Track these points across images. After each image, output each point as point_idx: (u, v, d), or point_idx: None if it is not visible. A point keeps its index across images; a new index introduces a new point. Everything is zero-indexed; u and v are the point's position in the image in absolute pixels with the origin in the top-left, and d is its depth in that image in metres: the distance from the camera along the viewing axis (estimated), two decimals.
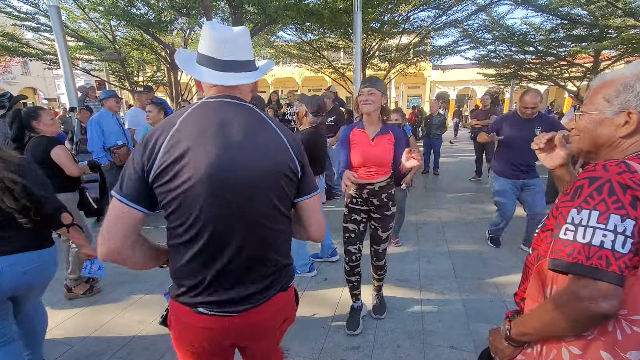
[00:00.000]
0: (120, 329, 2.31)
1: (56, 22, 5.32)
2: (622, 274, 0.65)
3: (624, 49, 9.31)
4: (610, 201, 0.68)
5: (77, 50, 11.19)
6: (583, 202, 0.71)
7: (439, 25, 11.03)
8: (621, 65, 11.19)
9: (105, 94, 4.12)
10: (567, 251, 0.70)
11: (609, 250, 0.66)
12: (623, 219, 0.66)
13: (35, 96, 29.99)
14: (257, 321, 0.99)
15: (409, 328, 2.24)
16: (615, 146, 0.81)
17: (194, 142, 0.85)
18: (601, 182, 0.70)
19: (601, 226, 0.67)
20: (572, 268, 0.69)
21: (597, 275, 0.66)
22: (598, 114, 0.81)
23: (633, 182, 0.69)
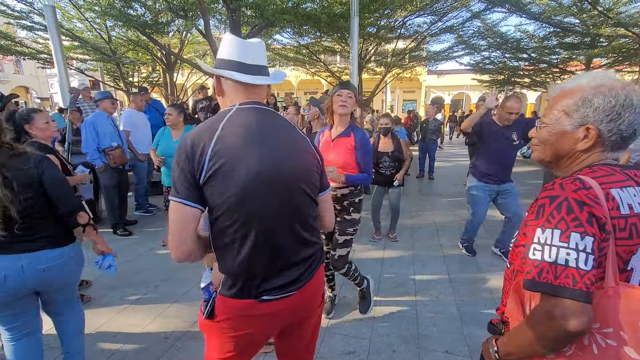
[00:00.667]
0: (114, 333, 2.29)
1: (51, 22, 5.27)
2: (589, 290, 0.67)
3: (615, 58, 9.52)
4: (569, 219, 0.70)
5: (72, 50, 11.09)
6: (546, 222, 0.73)
7: (435, 31, 11.16)
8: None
9: (101, 95, 4.09)
10: (536, 272, 0.72)
11: (574, 268, 0.68)
12: (582, 236, 0.69)
13: (27, 95, 29.60)
14: (309, 296, 1.12)
15: (404, 332, 2.25)
16: (575, 158, 0.84)
17: (241, 146, 0.94)
18: (559, 200, 0.73)
19: (564, 245, 0.69)
20: (543, 287, 0.71)
21: (565, 294, 0.68)
22: (558, 127, 0.83)
23: (588, 198, 0.71)
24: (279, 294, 1.03)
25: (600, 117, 0.77)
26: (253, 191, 0.95)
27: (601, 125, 0.77)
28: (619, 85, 0.77)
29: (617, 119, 0.76)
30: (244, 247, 0.98)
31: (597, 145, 0.80)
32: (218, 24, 9.22)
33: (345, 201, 2.17)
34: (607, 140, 0.78)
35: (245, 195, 0.94)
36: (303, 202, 1.06)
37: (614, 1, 8.27)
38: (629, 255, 0.73)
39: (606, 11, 7.88)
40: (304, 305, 1.13)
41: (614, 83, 0.78)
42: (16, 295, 1.54)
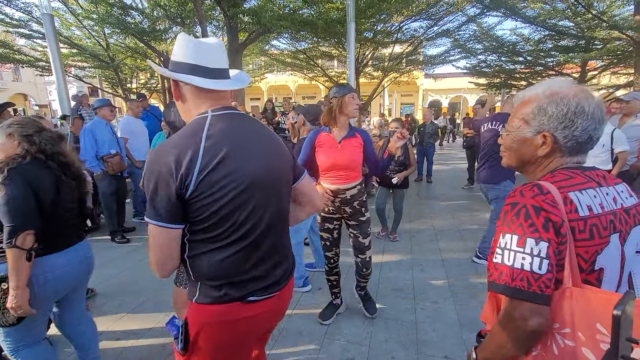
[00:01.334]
0: (112, 342, 2.27)
1: (49, 30, 5.29)
2: (543, 293, 0.71)
3: (610, 60, 9.59)
4: (526, 225, 0.74)
5: (70, 57, 11.13)
6: (506, 227, 0.77)
7: (431, 35, 11.26)
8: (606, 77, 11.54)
9: (100, 102, 4.10)
10: (497, 274, 0.76)
11: (529, 272, 0.72)
12: (537, 241, 0.72)
13: (26, 102, 29.62)
14: (287, 296, 1.14)
15: (403, 338, 2.24)
16: (538, 164, 0.87)
17: (231, 156, 0.92)
18: (519, 207, 0.76)
19: (520, 250, 0.73)
20: (502, 290, 0.75)
21: (521, 295, 0.72)
22: (520, 135, 0.87)
23: (546, 203, 0.74)
24: (264, 294, 1.02)
25: (555, 125, 0.81)
26: (247, 198, 0.94)
27: (556, 132, 0.81)
28: (572, 92, 0.80)
29: (571, 125, 0.80)
30: (232, 249, 0.95)
31: (556, 151, 0.84)
32: (215, 31, 9.28)
33: (355, 202, 2.21)
34: (563, 147, 0.82)
35: (240, 203, 0.93)
36: (285, 202, 1.10)
37: (607, 4, 8.36)
38: (593, 256, 0.76)
39: (600, 14, 7.96)
40: (279, 310, 1.13)
41: (566, 91, 0.81)
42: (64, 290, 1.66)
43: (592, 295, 0.72)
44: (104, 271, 3.04)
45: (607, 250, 0.76)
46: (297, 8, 7.10)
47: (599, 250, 0.76)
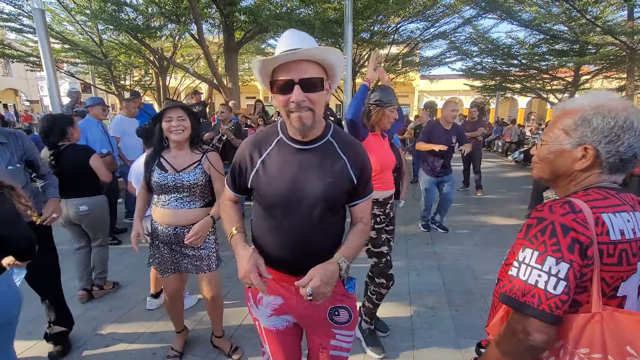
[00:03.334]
0: (102, 348, 2.21)
1: (40, 26, 5.18)
2: (553, 312, 0.70)
3: (603, 64, 9.71)
4: (550, 243, 0.72)
5: (62, 53, 10.94)
6: (528, 242, 0.75)
7: (427, 37, 11.30)
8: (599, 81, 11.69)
9: (92, 101, 4.02)
10: (509, 286, 0.76)
11: (542, 289, 0.71)
12: (558, 261, 0.70)
13: (16, 98, 29.11)
14: None
15: (400, 345, 2.22)
16: (573, 178, 0.83)
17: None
18: (545, 223, 0.74)
19: (538, 267, 0.72)
20: (510, 302, 0.75)
21: (527, 311, 0.72)
22: (557, 146, 0.83)
23: (577, 222, 0.71)
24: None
25: (599, 138, 0.77)
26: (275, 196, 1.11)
27: (599, 146, 0.77)
28: (620, 106, 0.76)
29: (616, 140, 0.76)
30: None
31: (595, 166, 0.79)
32: (211, 28, 9.19)
33: (387, 204, 2.08)
34: (605, 162, 0.78)
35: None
36: None
37: (601, 10, 8.45)
38: (617, 282, 0.73)
39: (594, 19, 8.04)
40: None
41: (614, 104, 0.77)
42: None
43: (621, 318, 0.70)
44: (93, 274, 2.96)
45: (633, 278, 0.74)
46: (294, 7, 7.05)
47: (624, 277, 0.73)
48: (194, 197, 1.86)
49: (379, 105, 2.02)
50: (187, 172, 1.82)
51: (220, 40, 9.60)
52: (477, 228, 4.50)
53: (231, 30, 7.39)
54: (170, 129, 1.79)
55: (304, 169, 1.07)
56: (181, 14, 6.88)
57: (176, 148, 1.88)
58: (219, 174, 1.89)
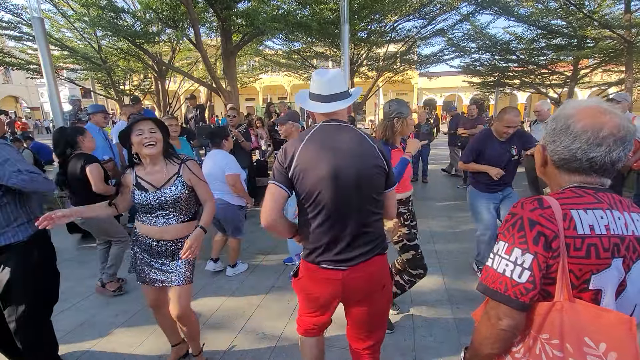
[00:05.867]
0: (107, 353, 2.25)
1: (39, 34, 5.22)
2: (518, 299, 0.77)
3: (601, 58, 9.69)
4: (517, 236, 0.79)
5: (61, 60, 10.99)
6: (501, 235, 0.84)
7: (425, 35, 11.28)
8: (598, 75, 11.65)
9: (93, 108, 4.06)
10: (484, 275, 0.85)
11: (508, 278, 0.79)
12: (524, 252, 0.77)
13: (17, 105, 29.24)
14: (361, 275, 1.37)
15: (401, 344, 2.25)
16: (546, 175, 0.94)
17: (318, 153, 1.30)
18: (516, 218, 0.82)
19: (506, 257, 0.80)
20: (483, 289, 0.84)
21: (495, 297, 0.80)
22: (537, 145, 0.95)
23: (543, 217, 0.78)
24: (335, 266, 1.36)
25: (548, 139, 0.89)
26: (323, 186, 1.28)
27: (548, 145, 0.89)
28: (569, 112, 0.84)
29: (556, 140, 0.85)
30: (314, 226, 1.35)
31: (551, 165, 0.90)
32: (208, 32, 9.21)
33: (409, 202, 2.35)
34: (552, 160, 0.88)
35: (319, 188, 1.29)
36: (363, 197, 1.33)
37: (598, 3, 8.43)
38: (587, 275, 0.77)
39: (591, 13, 8.03)
40: (356, 283, 1.38)
41: (568, 111, 0.85)
42: None
43: (582, 309, 0.75)
44: (95, 281, 3.00)
45: (607, 273, 0.77)
46: (291, 10, 7.07)
47: (594, 270, 0.76)
48: (180, 212, 1.80)
49: (400, 117, 2.21)
50: (168, 187, 1.75)
51: (218, 44, 9.64)
52: None
53: (229, 33, 7.42)
54: (143, 142, 1.69)
55: None
56: (179, 19, 6.91)
57: (150, 163, 1.77)
58: (200, 180, 1.85)
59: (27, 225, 1.71)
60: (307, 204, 1.33)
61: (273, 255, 3.75)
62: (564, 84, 11.22)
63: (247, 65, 16.65)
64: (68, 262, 3.74)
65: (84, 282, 3.23)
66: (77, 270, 3.52)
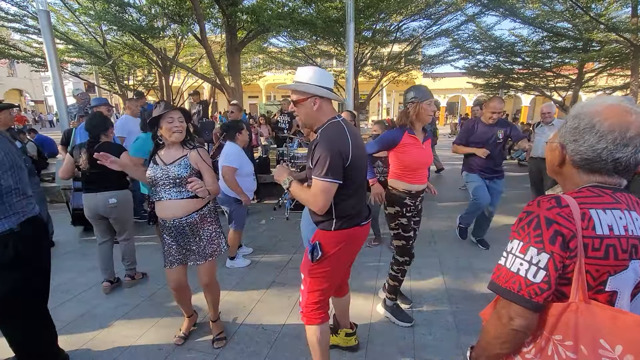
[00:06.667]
0: (107, 345, 2.26)
1: (45, 27, 5.25)
2: (532, 299, 0.75)
3: (607, 62, 9.64)
4: (533, 235, 0.77)
5: (66, 53, 11.03)
6: (516, 233, 0.81)
7: (430, 35, 11.25)
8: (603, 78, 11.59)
9: (97, 101, 4.08)
10: (496, 274, 0.83)
11: (522, 277, 0.76)
12: (539, 252, 0.75)
13: (21, 98, 29.35)
14: (367, 225, 1.78)
15: (401, 342, 2.25)
16: (561, 174, 0.90)
17: (358, 144, 1.61)
18: (532, 216, 0.79)
19: (521, 256, 0.78)
20: (494, 287, 0.82)
21: (508, 296, 0.78)
22: (550, 144, 0.93)
23: (561, 216, 0.75)
24: (365, 221, 1.73)
25: (568, 137, 0.85)
26: (357, 167, 1.61)
27: (568, 145, 0.85)
28: (594, 110, 0.80)
29: (579, 139, 0.82)
30: (354, 198, 1.64)
31: (570, 165, 0.86)
32: (213, 28, 9.22)
33: (419, 197, 2.38)
34: (572, 160, 0.84)
35: (356, 169, 1.60)
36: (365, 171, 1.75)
37: (605, 7, 8.39)
38: (604, 276, 0.75)
39: (598, 16, 7.99)
40: (365, 234, 1.78)
41: (592, 108, 0.81)
42: None
43: (598, 311, 0.73)
44: (98, 273, 3.01)
45: (624, 275, 0.76)
46: (296, 7, 7.06)
47: (611, 271, 0.75)
48: (181, 189, 1.98)
49: (414, 101, 2.18)
50: (174, 165, 1.97)
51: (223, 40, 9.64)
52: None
53: (233, 30, 7.42)
54: (173, 130, 1.95)
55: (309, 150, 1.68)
56: (184, 15, 6.92)
57: (171, 147, 2.05)
58: (207, 167, 2.07)
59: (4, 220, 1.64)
60: (349, 183, 1.58)
61: (274, 252, 3.75)
62: (569, 87, 11.18)
63: (251, 63, 16.65)
64: (70, 254, 3.76)
65: (85, 274, 3.24)
66: (79, 262, 3.54)
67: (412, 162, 2.24)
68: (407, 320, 2.43)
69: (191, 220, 2.02)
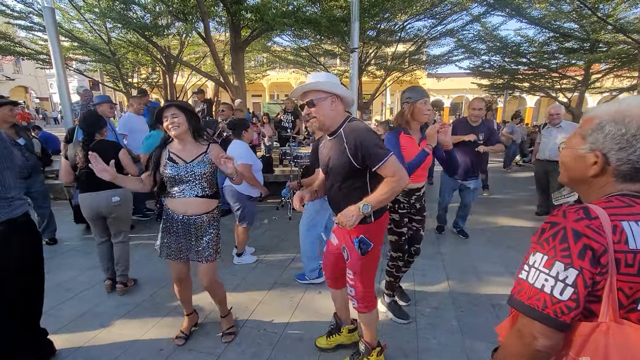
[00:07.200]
0: (108, 344, 2.24)
1: (50, 24, 5.24)
2: (558, 318, 0.69)
3: (614, 63, 9.52)
4: (560, 248, 0.71)
5: (71, 51, 11.06)
6: (539, 246, 0.75)
7: (435, 35, 11.17)
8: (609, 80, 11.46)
9: (100, 99, 4.06)
10: (518, 289, 0.77)
11: (548, 294, 0.70)
12: (567, 267, 0.69)
13: (27, 95, 29.53)
14: None
15: (404, 346, 2.22)
16: (590, 184, 0.82)
17: None
18: (557, 228, 0.73)
19: (545, 271, 0.72)
20: (516, 304, 0.76)
21: (532, 314, 0.72)
22: (574, 150, 0.83)
23: (590, 229, 0.69)
24: None
25: (610, 145, 0.76)
26: None
27: (610, 153, 0.76)
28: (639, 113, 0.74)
29: (628, 148, 0.74)
30: None
31: (608, 174, 0.78)
32: (218, 26, 9.20)
33: (423, 198, 2.44)
34: (616, 170, 0.76)
35: None
36: None
37: (613, 7, 8.28)
38: (637, 294, 0.70)
39: (606, 17, 7.89)
40: None
41: (635, 110, 0.74)
42: None
43: (631, 332, 0.67)
44: (100, 271, 3.00)
45: None
46: (301, 6, 7.02)
47: None
48: (203, 186, 2.03)
49: (408, 102, 2.21)
50: (197, 162, 2.01)
51: (227, 38, 9.63)
52: (483, 228, 4.47)
53: (238, 28, 7.40)
54: (169, 127, 1.98)
55: (329, 150, 1.71)
56: (188, 12, 6.90)
57: (180, 142, 2.04)
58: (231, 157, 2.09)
59: None
60: None
61: (276, 252, 3.73)
62: (575, 89, 11.06)
63: (255, 61, 16.64)
64: (72, 252, 3.75)
65: (86, 272, 3.24)
66: (81, 260, 3.53)
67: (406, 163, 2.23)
68: (405, 317, 2.47)
69: (200, 221, 2.05)
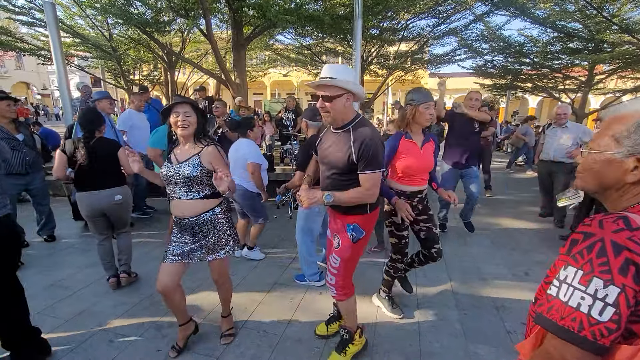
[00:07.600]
0: (106, 344, 2.21)
1: (51, 19, 5.19)
2: (597, 341, 0.62)
3: (618, 64, 9.44)
4: (597, 263, 0.63)
5: (73, 47, 11.02)
6: (571, 259, 0.68)
7: (438, 34, 11.09)
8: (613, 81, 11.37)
9: (99, 95, 4.02)
10: (547, 307, 0.69)
11: (585, 314, 0.63)
12: (606, 284, 0.62)
13: (28, 91, 29.53)
14: None
15: (407, 349, 2.17)
16: (625, 191, 0.74)
17: None
18: (594, 240, 0.65)
19: (582, 288, 0.64)
20: (547, 324, 0.68)
21: (567, 336, 0.65)
22: (605, 155, 0.75)
23: (633, 241, 0.62)
24: None
25: None
26: None
27: None
28: None
29: None
30: None
31: None
32: (220, 23, 9.15)
33: (426, 200, 2.41)
34: None
35: None
36: None
37: (618, 7, 8.20)
38: None
39: (611, 17, 7.81)
40: None
41: None
42: None
43: None
44: (97, 269, 2.96)
45: None
46: (303, 3, 6.97)
47: None
48: (191, 189, 1.93)
49: (411, 104, 2.17)
50: (187, 163, 1.90)
51: (229, 36, 9.56)
52: (486, 229, 4.43)
53: (240, 25, 7.35)
54: (177, 124, 1.88)
55: (333, 143, 1.74)
56: (190, 9, 6.85)
57: (183, 143, 1.98)
58: (226, 164, 2.00)
59: None
60: None
61: (276, 252, 3.69)
62: (578, 90, 10.98)
63: (257, 59, 16.59)
64: (70, 250, 3.72)
65: (85, 270, 3.20)
66: (79, 257, 3.50)
67: (408, 168, 2.22)
68: (398, 312, 2.50)
69: (201, 221, 1.97)
